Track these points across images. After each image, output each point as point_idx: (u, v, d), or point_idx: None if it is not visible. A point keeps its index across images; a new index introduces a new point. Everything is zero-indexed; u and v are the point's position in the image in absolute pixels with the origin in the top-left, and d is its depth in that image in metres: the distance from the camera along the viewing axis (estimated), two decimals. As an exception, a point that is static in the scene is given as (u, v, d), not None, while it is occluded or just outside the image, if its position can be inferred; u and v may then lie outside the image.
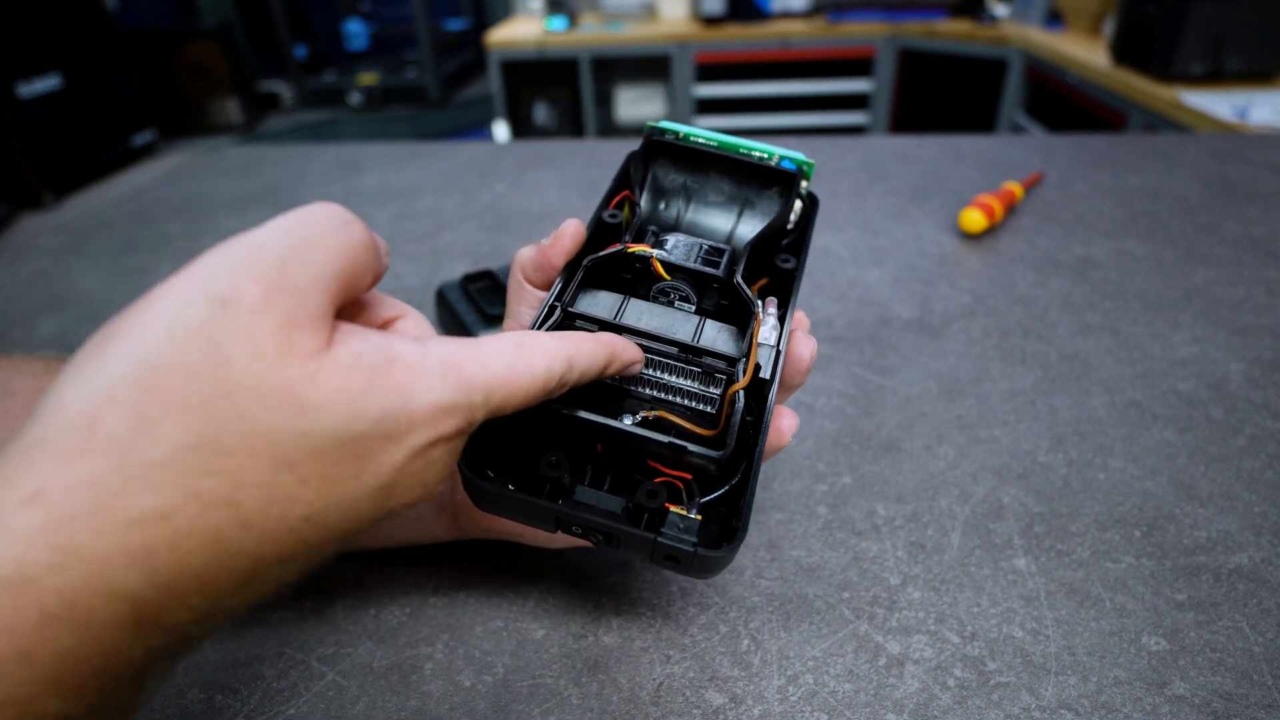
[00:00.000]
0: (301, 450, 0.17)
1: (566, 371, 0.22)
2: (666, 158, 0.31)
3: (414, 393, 0.19)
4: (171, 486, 0.16)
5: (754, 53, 2.59)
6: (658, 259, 0.27)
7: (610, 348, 0.24)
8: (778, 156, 0.30)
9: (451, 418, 0.19)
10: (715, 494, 0.25)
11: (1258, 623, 0.30)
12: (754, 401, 0.26)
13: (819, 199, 0.32)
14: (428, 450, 0.19)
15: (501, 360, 0.21)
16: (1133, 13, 1.71)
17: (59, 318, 0.57)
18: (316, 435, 0.17)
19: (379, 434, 0.18)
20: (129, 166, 0.90)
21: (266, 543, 0.17)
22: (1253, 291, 0.54)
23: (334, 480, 0.18)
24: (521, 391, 0.21)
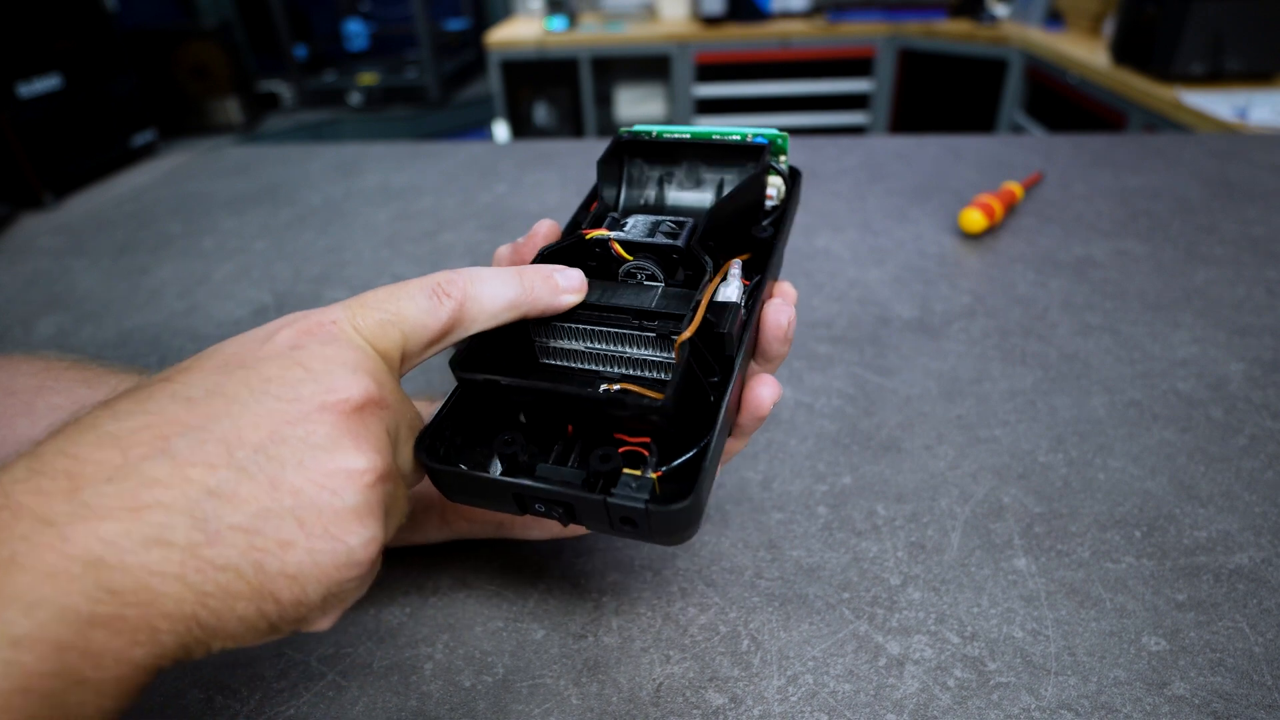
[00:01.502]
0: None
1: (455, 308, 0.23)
2: (640, 155, 0.31)
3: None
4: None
5: (754, 53, 2.59)
6: (616, 240, 0.26)
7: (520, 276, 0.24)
8: (750, 135, 0.30)
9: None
10: (679, 460, 0.24)
11: (1258, 623, 0.30)
12: (718, 365, 0.25)
13: (801, 173, 0.32)
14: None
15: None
16: (1133, 13, 1.71)
17: (59, 318, 0.57)
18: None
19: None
20: (129, 166, 0.90)
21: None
22: (1253, 291, 0.54)
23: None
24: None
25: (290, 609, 0.18)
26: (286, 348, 0.20)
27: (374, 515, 0.20)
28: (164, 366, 0.21)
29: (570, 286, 0.25)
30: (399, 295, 0.22)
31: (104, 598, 0.16)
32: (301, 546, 0.18)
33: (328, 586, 0.19)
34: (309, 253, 0.66)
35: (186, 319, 0.56)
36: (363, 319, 0.22)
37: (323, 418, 0.19)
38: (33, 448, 0.17)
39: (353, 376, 0.20)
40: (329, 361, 0.20)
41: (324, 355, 0.20)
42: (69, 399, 0.31)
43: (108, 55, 1.27)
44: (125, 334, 0.54)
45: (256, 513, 0.18)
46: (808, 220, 0.68)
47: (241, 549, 0.17)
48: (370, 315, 0.22)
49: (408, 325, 0.22)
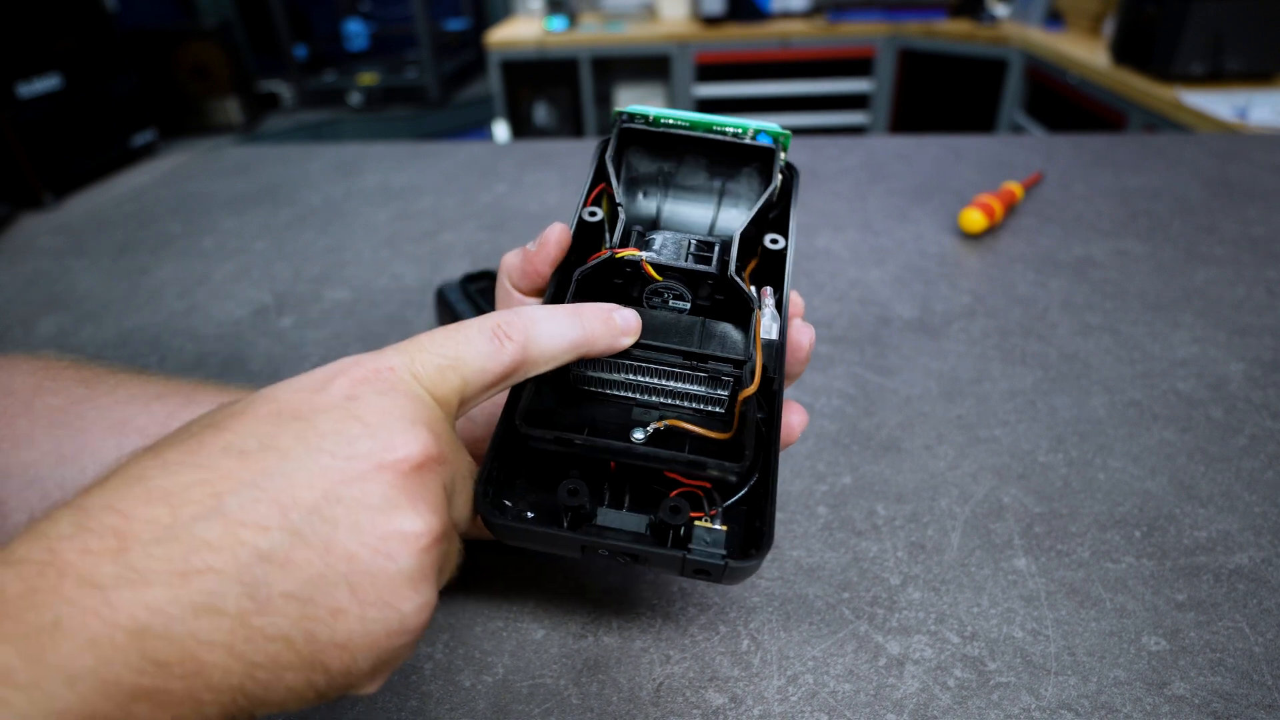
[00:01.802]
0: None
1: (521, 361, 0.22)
2: (639, 145, 0.30)
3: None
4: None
5: (754, 53, 2.59)
6: (648, 261, 0.26)
7: (587, 328, 0.24)
8: (753, 130, 0.29)
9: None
10: (736, 496, 0.25)
11: (1258, 623, 0.30)
12: (763, 399, 0.26)
13: (798, 168, 0.31)
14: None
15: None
16: (1133, 13, 1.71)
17: (59, 318, 0.57)
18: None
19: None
20: (129, 166, 0.90)
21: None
22: (1253, 291, 0.54)
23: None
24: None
25: (339, 678, 0.18)
26: (342, 398, 0.19)
27: (428, 579, 0.19)
28: (164, 367, 0.20)
29: (628, 329, 0.25)
30: (458, 339, 0.22)
31: (149, 669, 0.15)
32: (353, 614, 0.17)
33: (378, 655, 0.18)
34: (309, 253, 0.66)
35: (186, 319, 0.56)
36: (421, 365, 0.21)
37: (380, 477, 0.18)
38: (78, 498, 0.16)
39: (411, 432, 0.19)
40: (386, 415, 0.19)
41: (381, 408, 0.19)
42: (67, 399, 0.31)
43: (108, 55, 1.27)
44: (125, 334, 0.54)
45: (309, 579, 0.17)
46: (808, 220, 0.68)
47: (293, 618, 0.17)
48: (429, 360, 0.21)
49: (468, 370, 0.21)
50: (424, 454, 0.19)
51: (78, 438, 0.30)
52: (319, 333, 0.53)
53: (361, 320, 0.55)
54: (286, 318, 0.56)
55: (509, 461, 0.25)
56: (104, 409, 0.31)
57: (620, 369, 0.26)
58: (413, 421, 0.19)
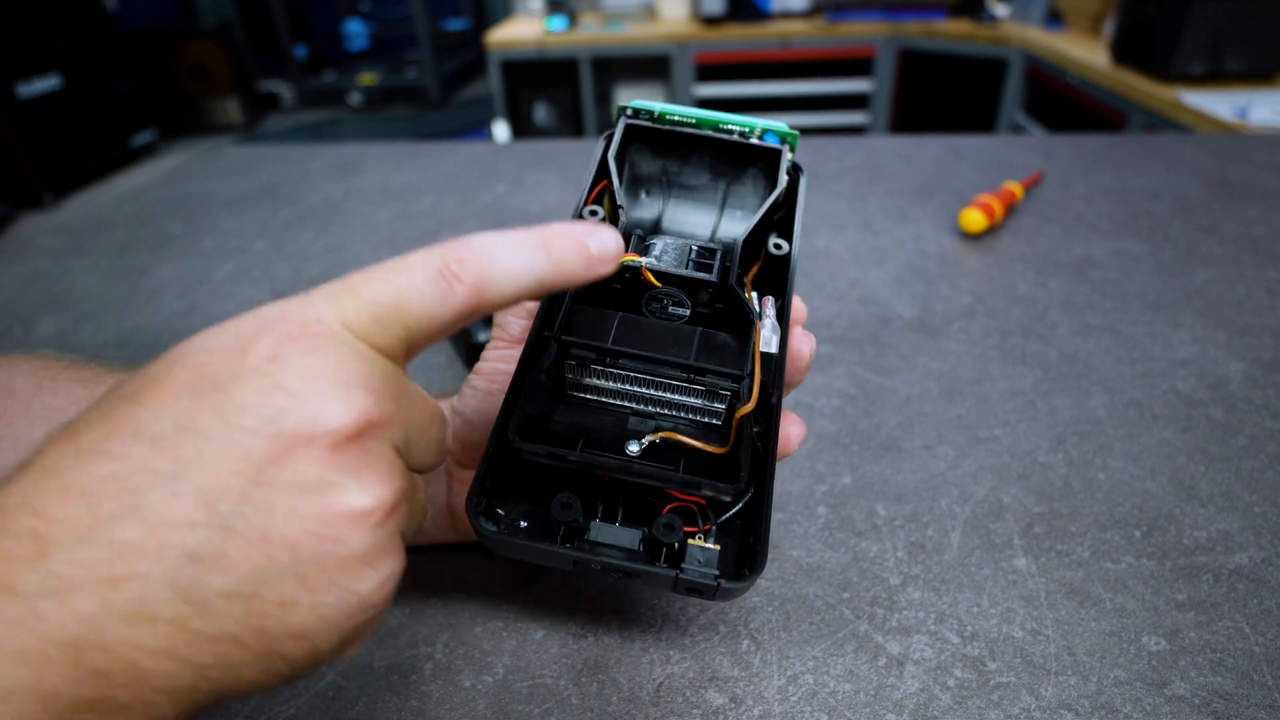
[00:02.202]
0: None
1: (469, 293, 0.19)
2: (643, 142, 0.30)
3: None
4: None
5: (754, 53, 2.59)
6: (647, 268, 0.26)
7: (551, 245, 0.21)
8: (760, 130, 0.29)
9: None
10: (730, 513, 0.24)
11: (1258, 623, 0.30)
12: (760, 415, 0.25)
13: (803, 168, 0.31)
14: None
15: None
16: (1133, 13, 1.71)
17: (59, 318, 0.57)
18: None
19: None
20: (129, 166, 0.90)
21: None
22: (1253, 291, 0.54)
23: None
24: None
25: (303, 661, 0.17)
26: (264, 360, 0.16)
27: (387, 552, 0.17)
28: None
29: (605, 253, 0.21)
30: (398, 281, 0.19)
31: (88, 679, 0.14)
32: (305, 604, 0.16)
33: (342, 635, 0.17)
34: (309, 253, 0.66)
35: (186, 319, 0.56)
36: (355, 313, 0.18)
37: (311, 454, 0.16)
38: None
39: (345, 397, 0.17)
40: (314, 379, 0.17)
41: (308, 370, 0.17)
42: (66, 399, 0.31)
43: (108, 55, 1.27)
44: (125, 334, 0.54)
45: (248, 575, 0.15)
46: (808, 220, 0.68)
47: (237, 617, 0.15)
48: (364, 309, 0.18)
49: (412, 318, 0.19)
50: (362, 419, 0.17)
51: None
52: (319, 333, 0.53)
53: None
54: (286, 318, 0.56)
55: (502, 470, 0.25)
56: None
57: (618, 379, 0.26)
58: (345, 384, 0.17)
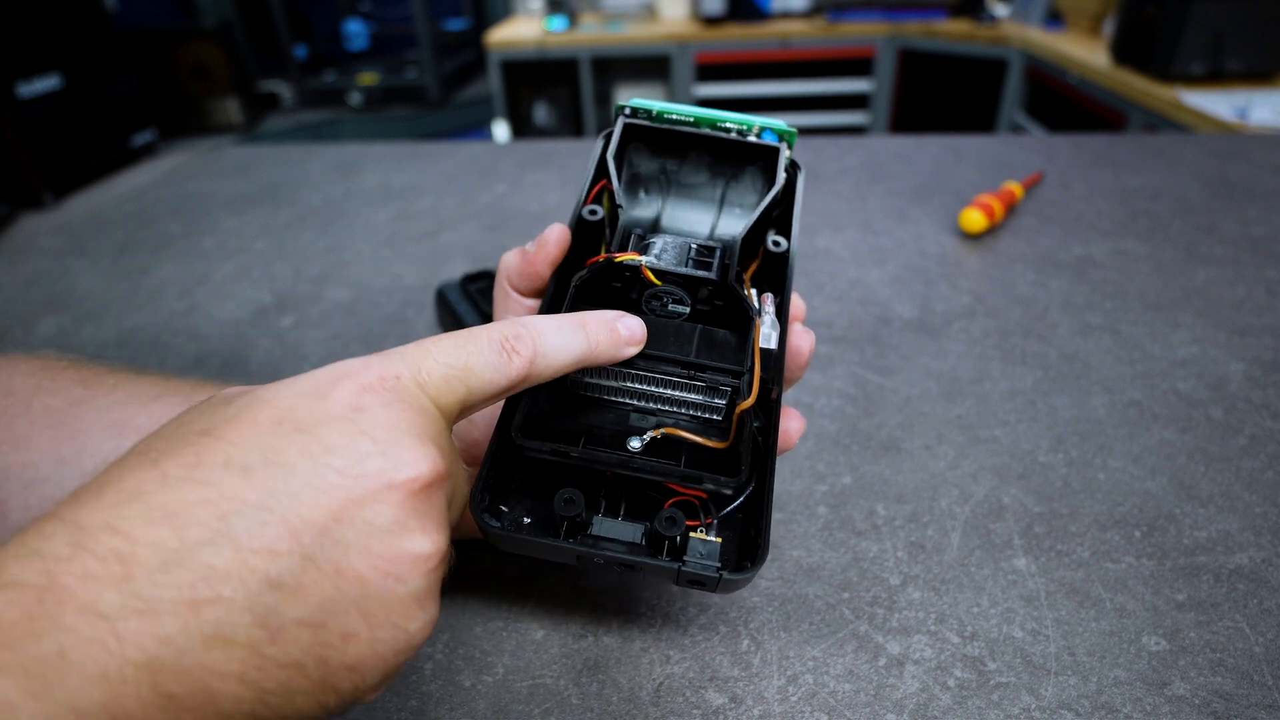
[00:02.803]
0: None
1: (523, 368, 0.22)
2: (642, 141, 0.30)
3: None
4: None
5: (754, 53, 2.59)
6: (647, 266, 0.26)
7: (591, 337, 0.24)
8: (758, 127, 0.29)
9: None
10: (732, 506, 0.25)
11: (1258, 623, 0.30)
12: (760, 410, 0.25)
13: (801, 166, 0.31)
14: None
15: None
16: (1133, 13, 1.71)
17: (59, 318, 0.57)
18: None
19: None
20: (129, 166, 0.90)
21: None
22: (1253, 291, 0.54)
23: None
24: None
25: (349, 696, 0.18)
26: (348, 408, 0.18)
27: (434, 596, 0.19)
28: (164, 367, 0.20)
29: (633, 339, 0.24)
30: (468, 349, 0.21)
31: (159, 701, 0.15)
32: (364, 638, 0.17)
33: (385, 672, 0.18)
34: (309, 253, 0.66)
35: (186, 319, 0.56)
36: (428, 373, 0.20)
37: (390, 497, 0.18)
38: (71, 512, 0.15)
39: (421, 450, 0.18)
40: (395, 430, 0.18)
41: (389, 421, 0.18)
42: (66, 399, 0.31)
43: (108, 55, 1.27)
44: (125, 334, 0.54)
45: (321, 604, 0.16)
46: (808, 220, 0.68)
47: (306, 644, 0.16)
48: (435, 369, 0.20)
49: (475, 381, 0.21)
50: (433, 473, 0.19)
51: (77, 438, 0.30)
52: (319, 333, 0.53)
53: (361, 320, 0.55)
54: (286, 318, 0.56)
55: (505, 467, 0.25)
56: (103, 409, 0.31)
57: (619, 377, 0.26)
58: (421, 438, 0.19)
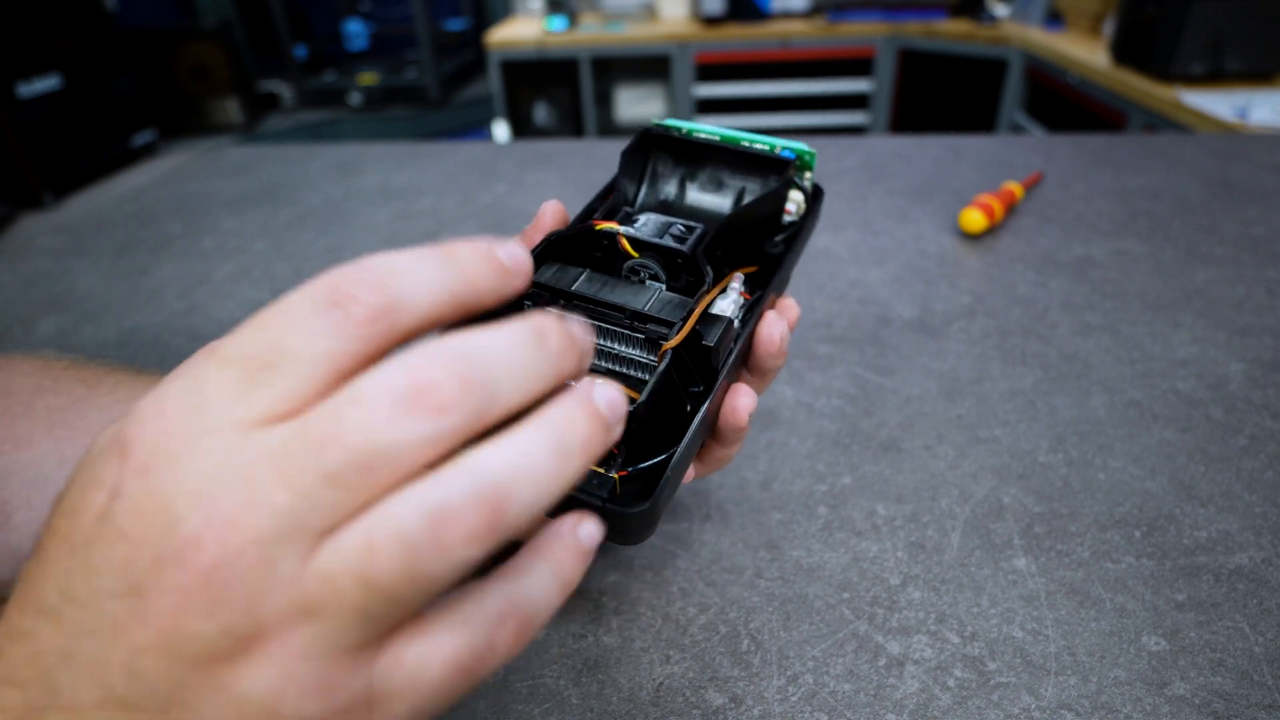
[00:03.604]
0: None
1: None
2: (665, 152, 0.31)
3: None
4: None
5: (754, 53, 2.59)
6: (624, 235, 0.26)
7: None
8: (779, 148, 0.30)
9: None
10: (645, 464, 0.24)
11: (1258, 623, 0.30)
12: (703, 376, 0.25)
13: (824, 191, 0.31)
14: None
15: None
16: (1133, 13, 1.71)
17: (59, 318, 0.57)
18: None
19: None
20: (129, 166, 0.90)
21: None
22: (1253, 291, 0.54)
23: None
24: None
25: None
26: (108, 500, 0.14)
27: (291, 690, 0.14)
28: (164, 367, 0.18)
29: (517, 266, 0.18)
30: (277, 331, 0.15)
31: None
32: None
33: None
34: (309, 253, 0.66)
35: (186, 319, 0.56)
36: (216, 393, 0.15)
37: (167, 605, 0.14)
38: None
39: (187, 524, 0.14)
40: (156, 513, 0.14)
41: (143, 506, 0.14)
42: (67, 399, 0.31)
43: (108, 55, 1.27)
44: (125, 334, 0.54)
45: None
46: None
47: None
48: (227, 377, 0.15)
49: (299, 380, 0.15)
50: (216, 541, 0.14)
51: (78, 438, 0.30)
52: (319, 333, 0.53)
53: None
54: (286, 318, 0.56)
55: None
56: (104, 409, 0.31)
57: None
58: (190, 505, 0.14)
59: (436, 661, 0.15)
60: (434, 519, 0.14)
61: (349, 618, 0.14)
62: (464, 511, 0.14)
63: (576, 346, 0.17)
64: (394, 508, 0.14)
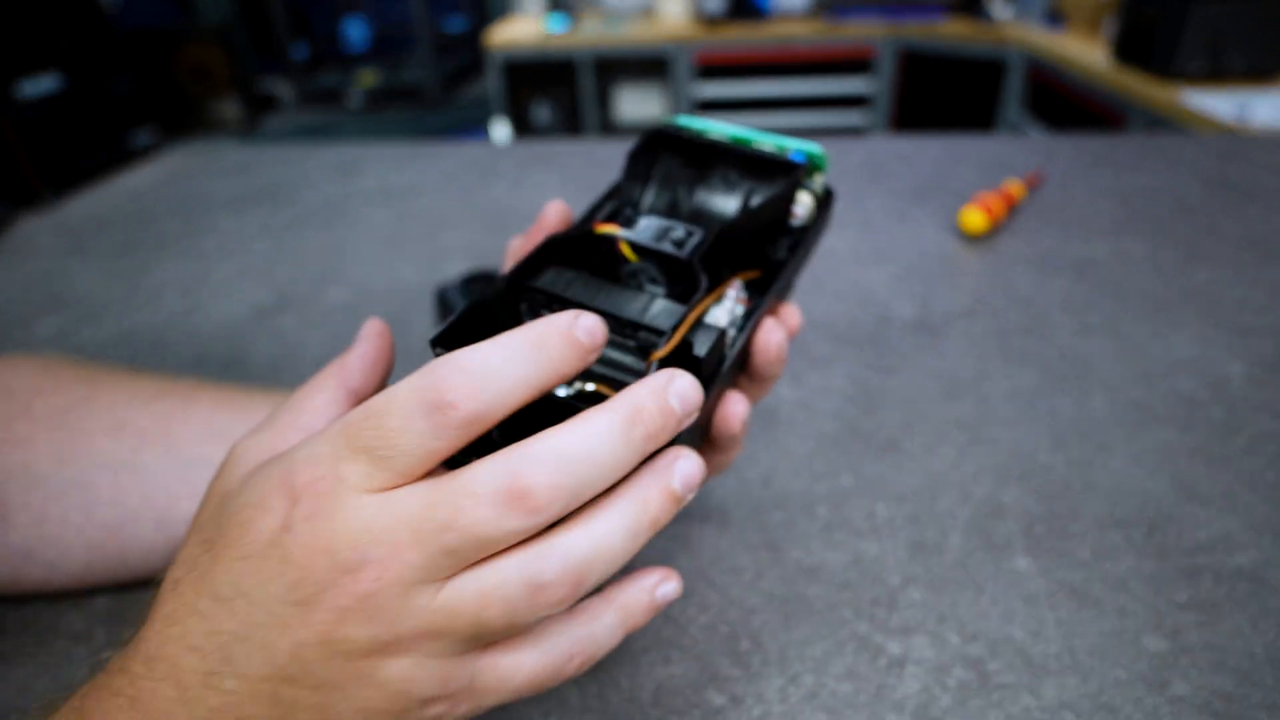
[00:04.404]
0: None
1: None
2: (672, 153, 0.30)
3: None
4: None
5: (754, 52, 2.59)
6: (624, 240, 0.26)
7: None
8: (789, 150, 0.29)
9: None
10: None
11: (1259, 623, 0.30)
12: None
13: (835, 194, 0.31)
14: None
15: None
16: (1133, 13, 1.72)
17: (59, 318, 0.57)
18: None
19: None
20: (129, 166, 0.90)
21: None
22: (1253, 291, 0.54)
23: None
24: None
25: None
26: (279, 530, 0.18)
27: (419, 677, 0.19)
28: (164, 367, 0.20)
29: (594, 344, 0.20)
30: (391, 429, 0.18)
31: None
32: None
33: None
34: (309, 253, 0.66)
35: (187, 319, 0.56)
36: (345, 468, 0.18)
37: (327, 618, 0.18)
38: (142, 635, 0.19)
39: (348, 557, 0.18)
40: (322, 546, 0.18)
41: (315, 538, 0.18)
42: (67, 399, 0.31)
43: (107, 55, 1.27)
44: (125, 334, 0.54)
45: (318, 713, 0.18)
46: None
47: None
48: (354, 462, 0.18)
49: (401, 465, 0.18)
50: (370, 574, 0.19)
51: (78, 438, 0.30)
52: (319, 333, 0.53)
53: (362, 320, 0.55)
54: (286, 318, 0.56)
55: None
56: (104, 409, 0.31)
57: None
58: (351, 545, 0.19)
59: (520, 673, 0.20)
60: (531, 588, 0.18)
61: (462, 638, 0.19)
62: (555, 585, 0.18)
63: (576, 346, 0.19)
64: (504, 573, 0.18)
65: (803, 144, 0.30)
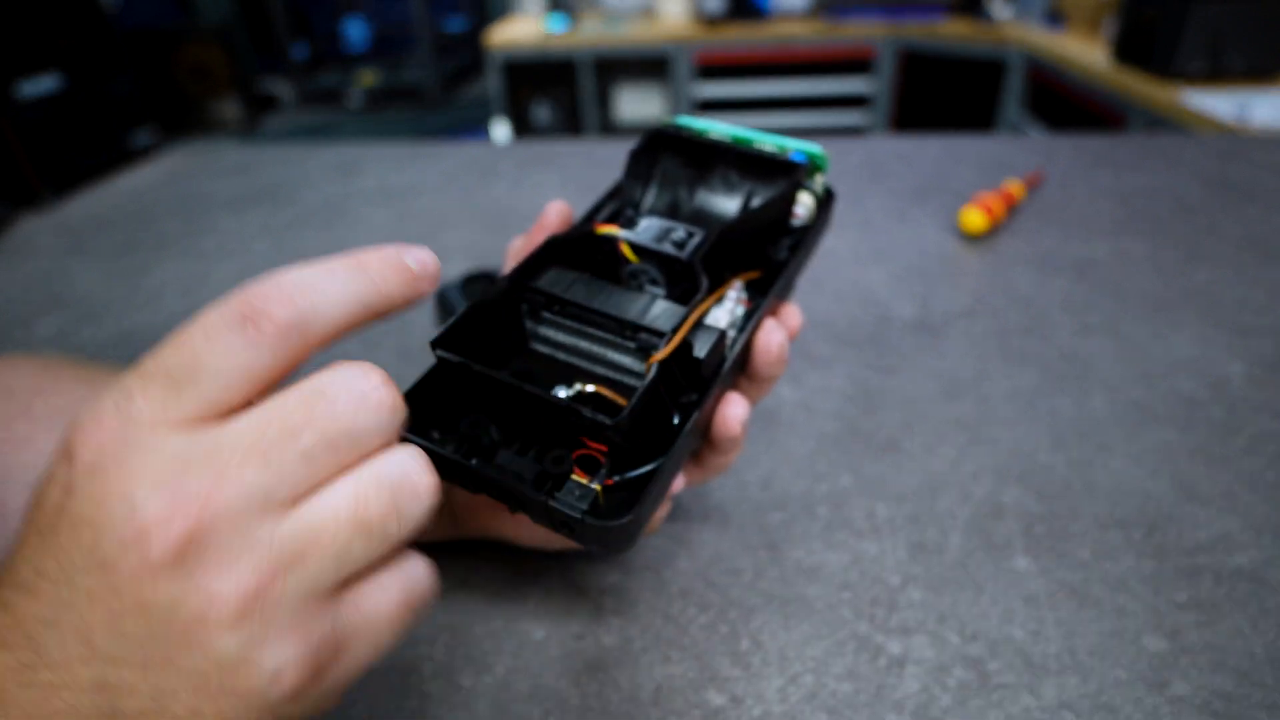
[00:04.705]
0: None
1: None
2: (673, 153, 0.30)
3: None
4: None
5: (754, 52, 2.59)
6: (625, 241, 0.26)
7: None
8: (790, 150, 0.30)
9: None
10: (634, 473, 0.23)
11: (1258, 623, 0.30)
12: (694, 387, 0.25)
13: (836, 194, 0.31)
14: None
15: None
16: (1133, 13, 1.72)
17: (59, 318, 0.57)
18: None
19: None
20: (129, 166, 0.90)
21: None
22: (1253, 291, 0.54)
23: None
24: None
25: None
26: (63, 495, 0.16)
27: (268, 642, 0.16)
28: None
29: (425, 272, 0.20)
30: (196, 347, 0.17)
31: None
32: (209, 713, 0.16)
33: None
34: (309, 253, 0.66)
35: (186, 319, 0.56)
36: (142, 400, 0.16)
37: (142, 574, 0.16)
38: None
39: (154, 503, 0.16)
40: (115, 496, 0.16)
41: (105, 492, 0.16)
42: (67, 399, 0.31)
43: (107, 55, 1.27)
44: (125, 334, 0.54)
45: (152, 693, 0.16)
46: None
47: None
48: (152, 392, 0.16)
49: (214, 382, 0.17)
50: (183, 521, 0.16)
51: (77, 438, 0.30)
52: (319, 333, 0.53)
53: (361, 320, 0.55)
54: (286, 318, 0.56)
55: (439, 394, 0.24)
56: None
57: (560, 329, 0.26)
58: (153, 488, 0.16)
59: (386, 600, 0.18)
60: (402, 474, 0.17)
61: (329, 559, 0.16)
62: (420, 472, 0.18)
63: (402, 270, 0.20)
64: (378, 467, 0.17)
65: (803, 144, 0.30)
